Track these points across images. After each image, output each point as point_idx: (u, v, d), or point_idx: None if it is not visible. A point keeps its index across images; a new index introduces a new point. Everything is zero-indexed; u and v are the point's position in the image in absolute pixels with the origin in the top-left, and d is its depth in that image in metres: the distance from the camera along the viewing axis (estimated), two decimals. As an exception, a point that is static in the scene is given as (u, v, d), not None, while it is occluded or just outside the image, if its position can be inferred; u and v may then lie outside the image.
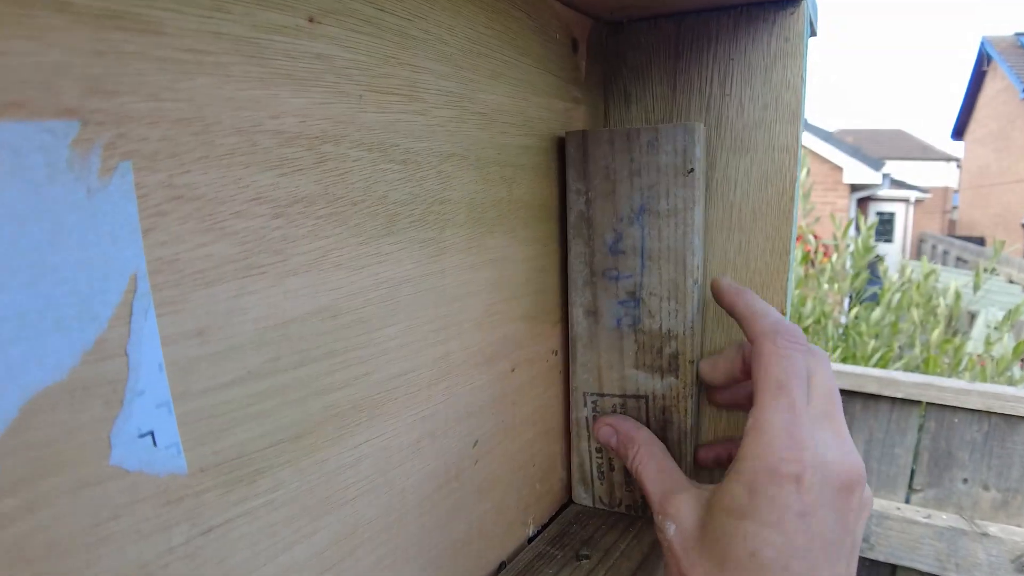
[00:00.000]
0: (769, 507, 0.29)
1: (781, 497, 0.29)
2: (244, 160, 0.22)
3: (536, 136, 0.39)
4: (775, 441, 0.30)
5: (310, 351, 0.25)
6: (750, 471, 0.30)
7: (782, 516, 0.28)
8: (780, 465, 0.29)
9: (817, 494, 0.29)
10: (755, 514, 0.29)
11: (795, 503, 0.28)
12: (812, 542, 0.28)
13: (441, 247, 0.31)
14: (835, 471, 0.30)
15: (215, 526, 0.22)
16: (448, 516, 0.34)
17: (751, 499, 0.29)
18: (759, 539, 0.29)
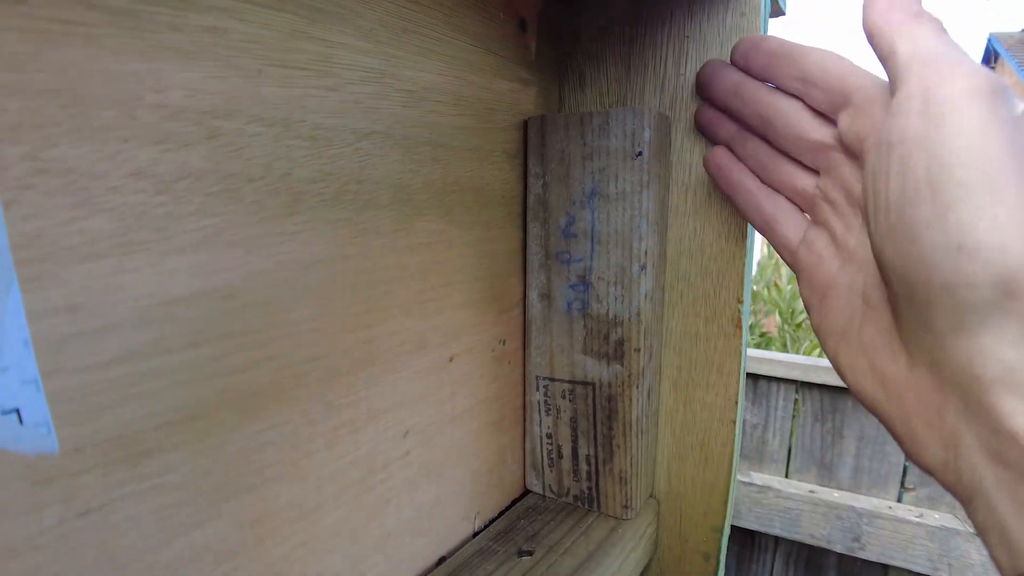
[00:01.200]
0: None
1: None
2: (122, 134, 0.22)
3: (475, 117, 0.39)
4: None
5: (201, 332, 0.25)
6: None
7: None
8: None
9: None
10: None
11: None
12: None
13: (359, 228, 0.31)
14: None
15: (93, 508, 0.22)
16: (375, 508, 0.34)
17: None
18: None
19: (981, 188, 0.23)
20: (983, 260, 0.23)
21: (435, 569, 0.39)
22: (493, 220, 0.42)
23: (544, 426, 0.47)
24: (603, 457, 0.44)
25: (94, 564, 0.23)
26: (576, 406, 0.45)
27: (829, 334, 0.33)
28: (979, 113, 0.24)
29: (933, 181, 0.24)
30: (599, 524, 0.44)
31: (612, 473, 0.44)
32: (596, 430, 0.44)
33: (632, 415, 0.42)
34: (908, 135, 0.26)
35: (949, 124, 0.24)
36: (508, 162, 0.43)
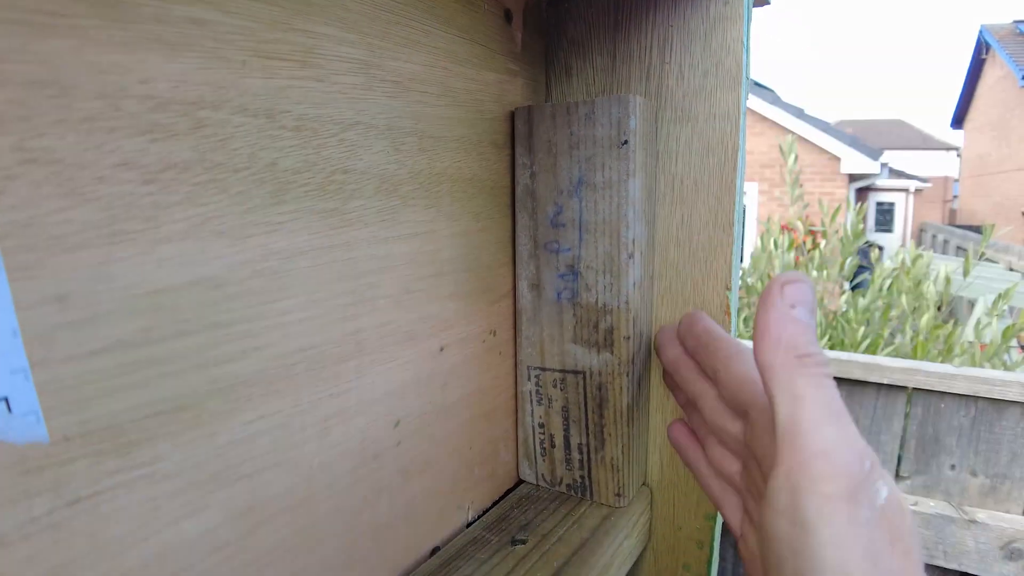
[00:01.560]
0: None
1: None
2: (108, 125, 0.23)
3: (462, 108, 0.39)
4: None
5: (190, 322, 0.25)
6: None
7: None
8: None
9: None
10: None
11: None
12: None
13: (346, 219, 0.32)
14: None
15: (83, 497, 0.23)
16: (367, 498, 0.35)
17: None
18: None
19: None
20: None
21: (428, 559, 0.40)
22: (481, 211, 0.42)
23: (536, 416, 0.47)
24: (595, 445, 0.45)
25: (85, 553, 0.23)
26: (567, 395, 0.45)
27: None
28: (841, 526, 0.25)
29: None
30: (592, 512, 0.45)
31: (604, 461, 0.45)
32: (587, 419, 0.45)
33: (623, 403, 0.43)
34: (779, 536, 0.27)
35: (812, 537, 0.25)
36: (496, 153, 0.43)
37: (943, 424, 1.17)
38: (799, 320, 0.29)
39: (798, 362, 0.28)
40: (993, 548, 1.12)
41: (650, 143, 0.43)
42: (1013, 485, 1.13)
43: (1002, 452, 1.14)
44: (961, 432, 1.15)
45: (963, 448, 1.16)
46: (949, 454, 1.17)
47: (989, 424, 1.14)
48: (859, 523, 0.25)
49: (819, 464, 0.26)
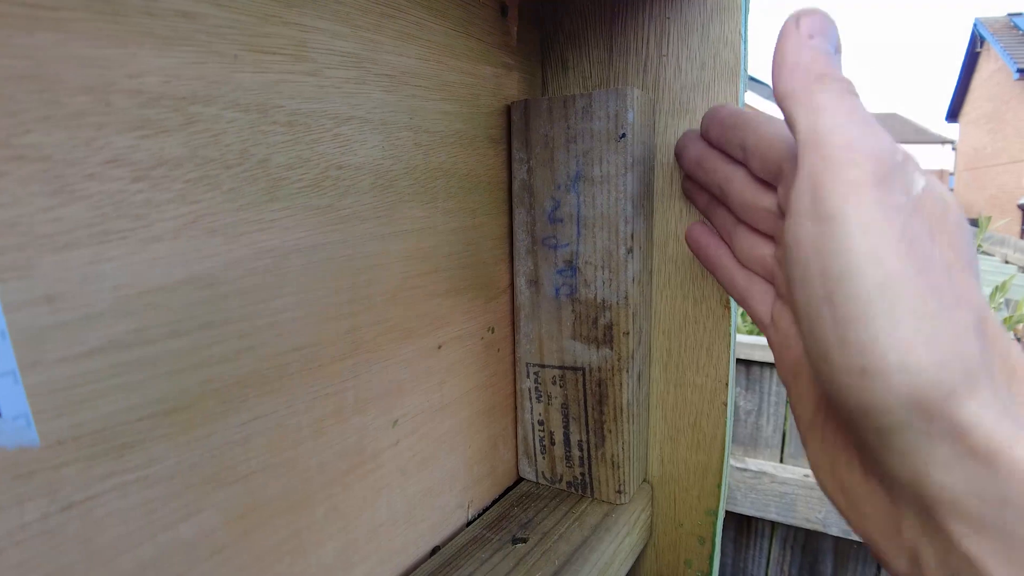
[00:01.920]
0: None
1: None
2: (97, 121, 0.22)
3: (457, 102, 0.39)
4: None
5: (182, 322, 0.25)
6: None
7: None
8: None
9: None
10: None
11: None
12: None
13: (340, 215, 0.31)
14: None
15: (77, 502, 0.22)
16: (365, 498, 0.34)
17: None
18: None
19: (877, 301, 0.22)
20: (888, 384, 0.22)
21: (429, 559, 0.39)
22: (478, 206, 0.42)
23: (535, 413, 0.47)
24: (595, 442, 0.45)
25: (79, 559, 0.23)
26: (567, 392, 0.45)
27: (800, 419, 0.31)
28: (870, 210, 0.22)
29: (830, 295, 0.23)
30: (593, 509, 0.44)
31: (604, 458, 0.44)
32: (587, 415, 0.44)
33: (623, 399, 0.43)
34: (802, 239, 0.24)
35: (838, 227, 0.23)
36: (492, 147, 0.43)
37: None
38: (817, 47, 0.27)
39: (818, 81, 0.26)
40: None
41: (648, 136, 0.42)
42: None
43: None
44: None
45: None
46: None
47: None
48: (890, 208, 0.22)
49: (842, 153, 0.23)
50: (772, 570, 1.53)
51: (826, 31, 0.27)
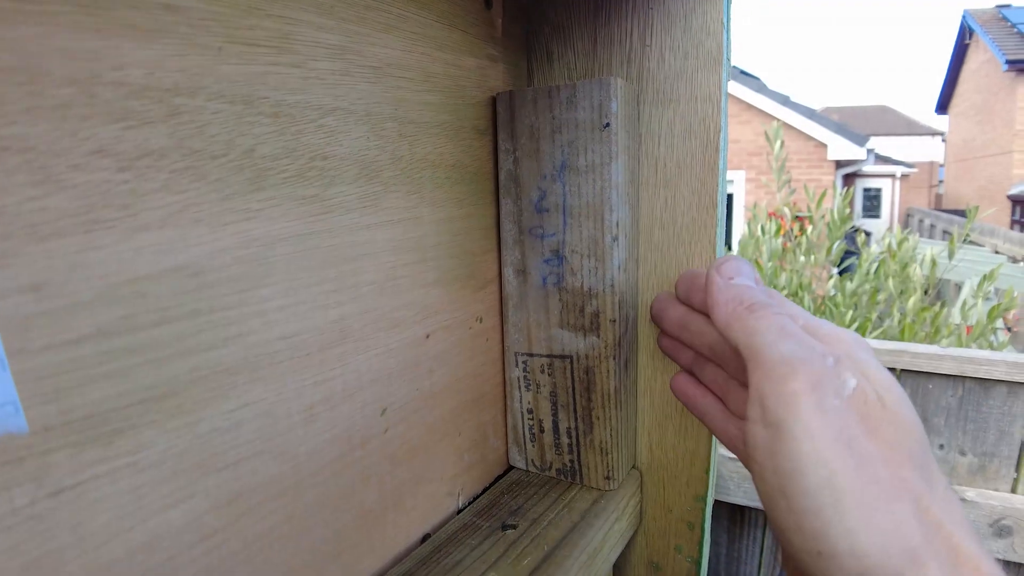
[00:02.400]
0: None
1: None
2: (82, 112, 0.23)
3: (442, 93, 0.39)
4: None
5: (170, 310, 0.25)
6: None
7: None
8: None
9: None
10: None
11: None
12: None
13: (326, 205, 0.32)
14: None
15: (66, 487, 0.23)
16: (355, 486, 0.35)
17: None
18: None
19: (824, 496, 0.25)
20: (841, 565, 0.25)
21: (419, 546, 0.40)
22: (465, 197, 0.42)
23: (525, 402, 0.47)
24: (583, 429, 0.45)
25: (69, 544, 0.23)
26: (555, 380, 0.45)
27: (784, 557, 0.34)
28: (808, 416, 0.26)
29: (784, 490, 0.26)
30: (582, 496, 0.45)
31: (593, 445, 0.45)
32: (575, 403, 0.45)
33: (610, 386, 0.43)
34: (756, 442, 0.28)
35: (784, 433, 0.26)
36: (478, 139, 0.43)
37: (931, 404, 1.18)
38: (739, 284, 0.32)
39: (746, 310, 0.31)
40: (982, 526, 1.13)
41: (632, 126, 0.43)
42: (1001, 463, 1.14)
43: (990, 431, 1.15)
44: (949, 412, 1.16)
45: (951, 428, 1.17)
46: (938, 434, 1.18)
47: (976, 403, 1.15)
48: (826, 411, 0.26)
49: (780, 368, 0.27)
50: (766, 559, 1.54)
51: (742, 271, 0.33)
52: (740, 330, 0.30)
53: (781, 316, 0.30)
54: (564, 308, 0.44)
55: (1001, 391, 1.13)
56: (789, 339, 0.28)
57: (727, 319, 0.31)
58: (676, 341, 0.42)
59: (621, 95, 0.40)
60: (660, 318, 0.42)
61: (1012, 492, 1.15)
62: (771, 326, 0.29)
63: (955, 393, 1.17)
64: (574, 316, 0.43)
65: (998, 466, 1.15)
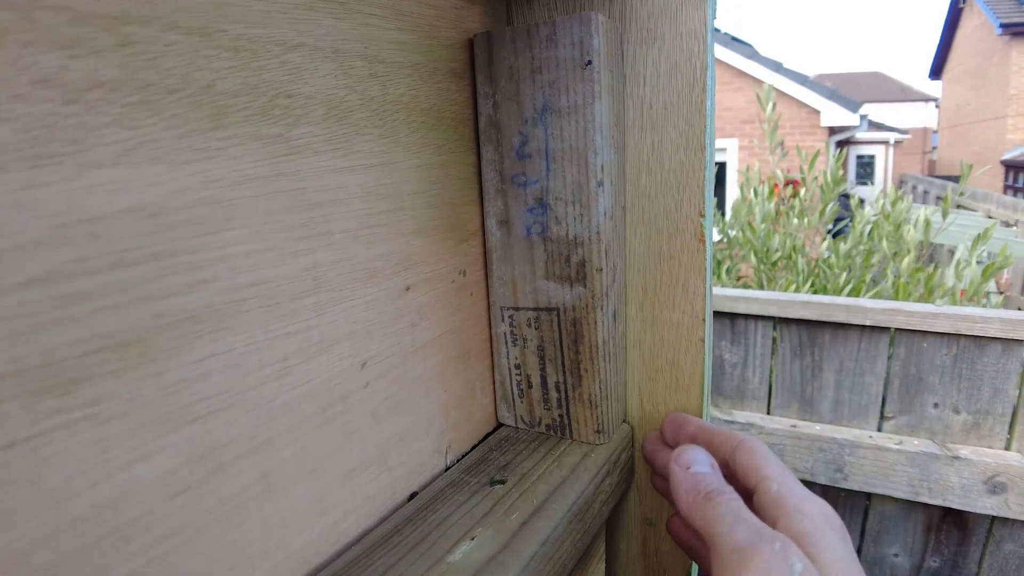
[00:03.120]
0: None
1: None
2: (22, 38, 0.21)
3: (415, 32, 0.38)
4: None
5: (128, 252, 0.24)
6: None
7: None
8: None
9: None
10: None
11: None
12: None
13: (292, 146, 0.30)
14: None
15: (20, 440, 0.22)
16: (336, 442, 0.34)
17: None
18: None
19: None
20: None
21: (406, 504, 0.39)
22: (444, 143, 0.41)
23: (512, 357, 0.46)
24: (572, 383, 0.44)
25: (27, 501, 0.22)
26: (542, 334, 0.45)
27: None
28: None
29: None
30: (572, 450, 0.44)
31: (582, 398, 0.44)
32: (563, 356, 0.44)
33: (598, 337, 0.42)
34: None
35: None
36: (455, 82, 0.42)
37: (926, 363, 1.19)
38: (696, 473, 0.37)
39: (704, 499, 0.35)
40: (976, 483, 1.14)
41: (616, 65, 0.41)
42: (995, 420, 1.15)
43: (984, 388, 1.16)
44: (944, 370, 1.17)
45: (946, 386, 1.17)
46: (932, 392, 1.18)
47: (971, 361, 1.16)
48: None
49: (732, 558, 0.31)
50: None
51: (698, 459, 0.38)
52: (700, 519, 0.34)
53: (734, 502, 0.34)
54: (549, 259, 0.43)
55: (996, 348, 1.14)
56: (742, 525, 0.32)
57: (688, 508, 0.36)
58: (665, 481, 0.44)
59: (603, 31, 0.39)
60: (652, 460, 0.45)
61: (1006, 449, 1.16)
62: (725, 513, 0.33)
63: (949, 351, 1.17)
64: (560, 266, 0.42)
65: (992, 423, 1.16)
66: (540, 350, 0.45)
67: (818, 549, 0.31)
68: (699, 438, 0.42)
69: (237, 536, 0.29)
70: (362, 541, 0.36)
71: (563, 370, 0.44)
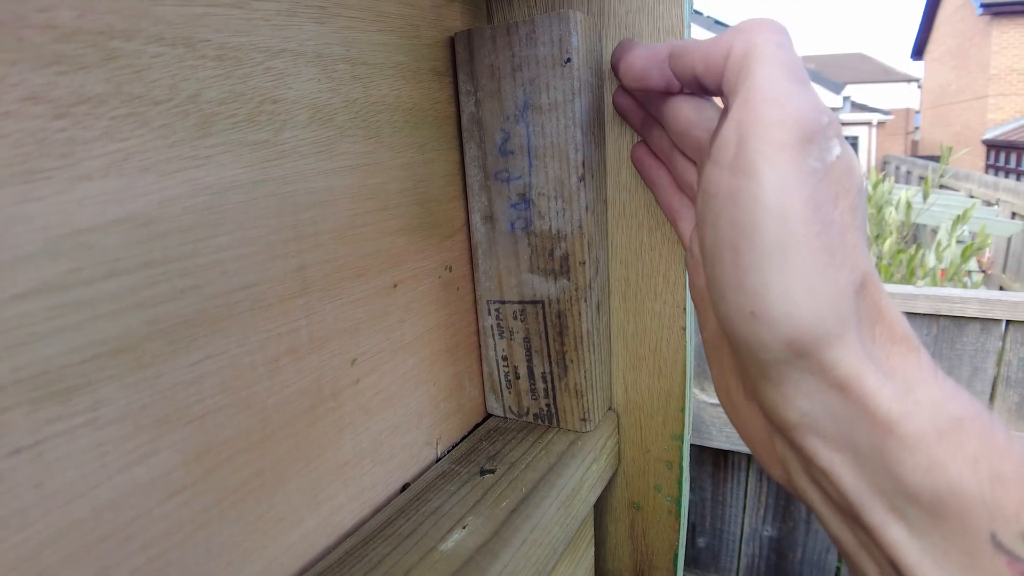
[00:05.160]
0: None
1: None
2: (9, 57, 0.22)
3: (396, 33, 0.38)
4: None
5: (120, 262, 0.25)
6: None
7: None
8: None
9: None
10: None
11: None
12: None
13: (279, 150, 0.31)
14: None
15: (24, 447, 0.22)
16: (328, 437, 0.35)
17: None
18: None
19: (774, 255, 0.24)
20: (772, 327, 0.25)
21: (398, 495, 0.40)
22: (428, 142, 0.42)
23: (499, 349, 0.47)
24: (558, 373, 0.45)
25: (33, 504, 0.23)
26: (528, 326, 0.45)
27: (705, 341, 0.36)
28: (787, 172, 0.24)
29: (735, 243, 0.25)
30: (559, 439, 0.45)
31: (568, 388, 0.45)
32: (549, 347, 0.45)
33: (582, 329, 0.43)
34: (720, 190, 0.26)
35: (754, 183, 0.24)
36: (437, 81, 0.42)
37: (906, 340, 1.20)
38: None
39: (758, 21, 0.27)
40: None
41: (595, 62, 0.42)
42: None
43: (964, 367, 1.18)
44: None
45: (926, 362, 1.19)
46: (913, 369, 1.20)
47: (951, 341, 1.18)
48: (805, 172, 0.24)
49: (771, 110, 0.25)
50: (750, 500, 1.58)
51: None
52: (743, 37, 0.27)
53: (792, 50, 0.27)
54: (533, 253, 0.43)
55: (975, 328, 1.16)
56: (792, 79, 0.25)
57: (735, 27, 0.28)
58: (631, 99, 0.41)
59: (582, 29, 0.39)
60: (617, 65, 0.38)
61: (986, 422, 1.18)
62: (778, 56, 0.26)
63: (930, 331, 1.19)
64: (544, 260, 0.43)
65: (971, 398, 1.18)
66: (526, 342, 0.46)
67: (842, 132, 0.27)
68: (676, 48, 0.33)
69: (234, 532, 0.30)
70: (356, 533, 0.37)
71: (549, 361, 0.45)
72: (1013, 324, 1.12)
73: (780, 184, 0.24)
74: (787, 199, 0.24)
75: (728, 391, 0.34)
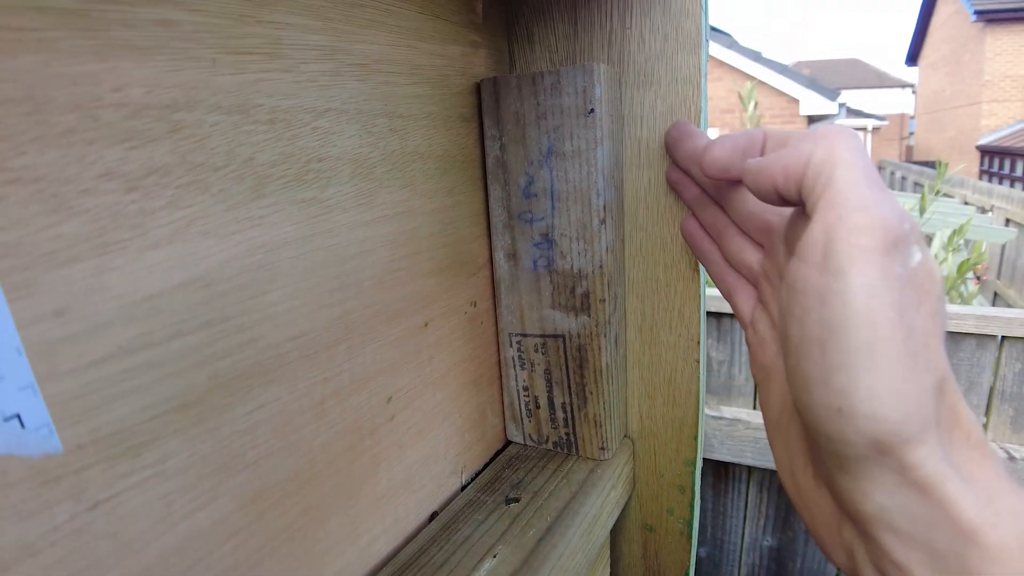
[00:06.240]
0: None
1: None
2: (87, 136, 0.23)
3: (429, 84, 0.40)
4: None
5: (185, 323, 0.26)
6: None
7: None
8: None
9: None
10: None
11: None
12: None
13: (325, 206, 0.32)
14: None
15: (102, 501, 0.23)
16: (366, 472, 0.36)
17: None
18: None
19: (862, 356, 0.25)
20: (857, 425, 0.25)
21: (428, 525, 0.41)
22: (455, 185, 0.43)
23: (520, 380, 0.49)
24: (577, 404, 0.47)
25: (108, 553, 0.24)
26: (549, 358, 0.47)
27: (767, 419, 0.35)
28: (873, 276, 0.25)
29: (824, 341, 0.26)
30: (579, 467, 0.47)
31: (587, 418, 0.47)
32: (569, 379, 0.46)
33: (602, 362, 0.44)
34: (808, 286, 0.26)
35: (843, 285, 0.25)
36: (464, 126, 0.44)
37: (904, 354, 1.21)
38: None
39: (834, 129, 0.28)
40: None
41: (615, 109, 0.43)
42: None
43: (960, 381, 1.19)
44: (921, 361, 1.20)
45: (923, 375, 1.20)
46: (910, 381, 1.21)
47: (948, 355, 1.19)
48: (891, 277, 0.25)
49: (858, 217, 0.25)
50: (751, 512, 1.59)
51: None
52: (824, 145, 0.28)
53: (865, 155, 0.27)
54: (555, 290, 0.45)
55: (970, 343, 1.17)
56: (873, 186, 0.26)
57: (812, 134, 0.29)
58: (683, 175, 0.42)
59: (604, 80, 0.41)
60: (674, 147, 0.41)
61: (981, 434, 1.20)
62: (857, 163, 0.27)
63: (927, 343, 1.20)
64: (565, 297, 0.44)
65: (967, 412, 1.19)
66: (547, 373, 0.47)
67: (923, 241, 0.27)
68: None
69: (284, 568, 0.31)
70: (392, 562, 0.38)
71: (569, 392, 0.47)
72: (1008, 340, 1.14)
73: (868, 287, 0.25)
74: (875, 302, 0.25)
75: (793, 473, 0.33)
